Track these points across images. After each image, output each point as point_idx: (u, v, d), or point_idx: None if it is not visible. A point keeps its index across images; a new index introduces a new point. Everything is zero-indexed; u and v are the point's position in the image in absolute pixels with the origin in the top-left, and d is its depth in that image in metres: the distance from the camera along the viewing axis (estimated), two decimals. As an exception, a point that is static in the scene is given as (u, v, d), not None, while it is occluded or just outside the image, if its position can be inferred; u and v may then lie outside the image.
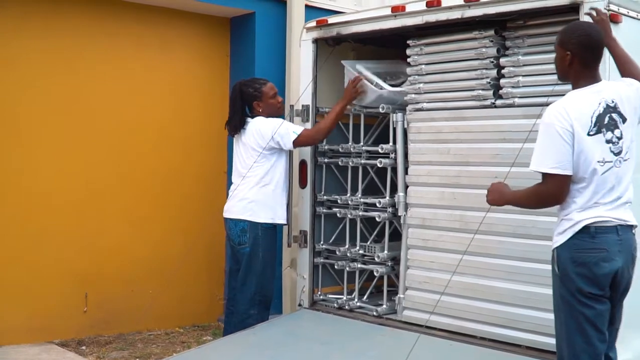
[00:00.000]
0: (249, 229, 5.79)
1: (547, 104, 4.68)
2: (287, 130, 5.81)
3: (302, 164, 6.32)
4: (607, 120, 3.83)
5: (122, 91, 7.20)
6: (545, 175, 3.81)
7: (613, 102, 3.86)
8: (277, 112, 6.00)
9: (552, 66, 4.77)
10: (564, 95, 4.55)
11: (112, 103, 7.12)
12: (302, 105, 6.27)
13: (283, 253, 7.33)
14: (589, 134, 3.79)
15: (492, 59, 5.28)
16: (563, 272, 3.80)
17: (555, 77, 4.71)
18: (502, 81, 5.22)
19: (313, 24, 6.22)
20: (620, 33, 4.52)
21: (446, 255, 5.45)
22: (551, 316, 4.64)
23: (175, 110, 7.53)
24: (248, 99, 5.94)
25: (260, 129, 5.83)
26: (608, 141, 3.83)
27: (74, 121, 6.89)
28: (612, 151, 3.84)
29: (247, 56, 7.64)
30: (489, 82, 5.27)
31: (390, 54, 6.51)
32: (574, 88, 3.94)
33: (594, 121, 3.81)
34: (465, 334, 5.28)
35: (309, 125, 6.26)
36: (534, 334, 4.95)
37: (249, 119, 5.97)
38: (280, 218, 5.94)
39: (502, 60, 5.23)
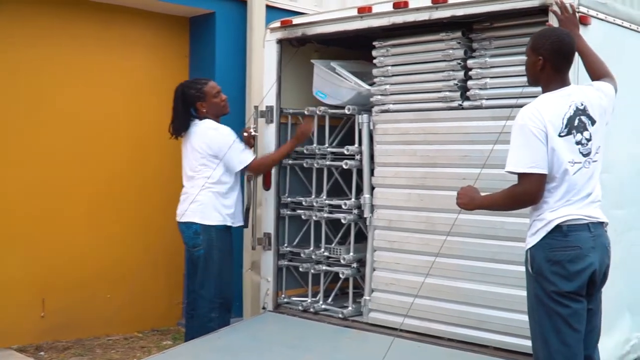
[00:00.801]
0: (202, 231, 5.68)
1: (515, 106, 4.74)
2: (234, 159, 5.70)
3: (266, 165, 6.22)
4: (577, 123, 3.87)
5: (79, 93, 7.01)
6: (521, 176, 3.81)
7: (582, 104, 3.90)
8: (222, 110, 5.85)
9: (520, 68, 4.82)
10: (533, 97, 4.58)
11: (70, 105, 6.94)
12: (266, 107, 6.20)
13: (244, 255, 7.27)
14: (560, 135, 3.81)
15: (459, 61, 5.28)
16: (538, 272, 3.81)
17: (523, 79, 4.74)
18: (469, 83, 5.23)
19: (277, 24, 6.15)
20: (590, 35, 4.55)
21: (412, 257, 5.46)
22: (519, 317, 4.73)
23: (133, 112, 7.40)
24: (191, 101, 5.78)
25: (211, 141, 5.68)
26: (578, 142, 3.86)
27: (30, 125, 6.71)
28: (581, 152, 3.87)
29: (207, 57, 7.53)
30: (456, 84, 5.27)
31: (353, 55, 6.47)
32: (544, 91, 3.97)
33: (564, 123, 3.84)
34: (433, 335, 5.28)
35: (273, 127, 6.19)
36: (502, 334, 4.99)
37: (196, 121, 5.79)
38: (233, 220, 5.79)
39: (470, 62, 5.24)
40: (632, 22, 5.04)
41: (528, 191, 3.81)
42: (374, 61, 5.73)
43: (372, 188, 5.76)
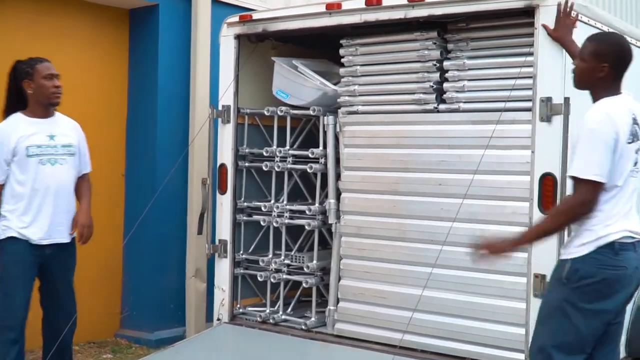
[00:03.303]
0: None
1: (496, 110, 4.60)
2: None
3: (222, 167, 5.91)
4: (635, 130, 3.69)
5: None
6: (582, 183, 3.53)
7: (634, 113, 3.73)
8: (48, 98, 4.94)
9: (500, 71, 4.72)
10: (519, 101, 4.50)
11: None
12: (223, 106, 5.87)
13: (187, 262, 6.98)
14: (627, 142, 3.63)
15: (434, 62, 5.08)
16: (576, 285, 3.58)
17: (504, 82, 4.72)
18: (445, 85, 5.05)
19: (235, 19, 5.83)
20: (575, 38, 4.46)
21: (383, 265, 5.26)
22: (495, 327, 4.64)
23: (70, 108, 6.86)
24: (20, 77, 4.92)
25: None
26: (637, 150, 3.70)
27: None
28: (636, 162, 3.71)
29: (149, 52, 7.09)
30: (432, 86, 5.07)
31: (313, 54, 6.21)
32: (596, 98, 3.74)
33: (629, 129, 3.65)
34: (407, 347, 5.04)
35: (230, 128, 5.87)
36: (479, 345, 4.84)
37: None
38: (20, 230, 4.85)
39: (446, 64, 5.06)
40: (610, 26, 4.96)
41: (586, 201, 3.54)
42: (342, 60, 5.47)
43: (338, 193, 5.48)
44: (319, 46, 6.14)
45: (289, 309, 5.86)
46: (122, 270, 7.15)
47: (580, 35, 4.52)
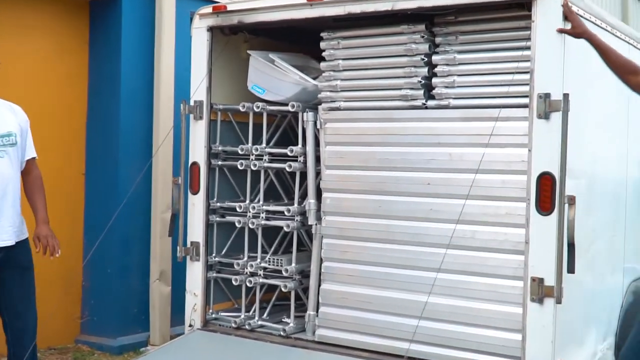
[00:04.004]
0: None
1: (489, 106, 4.43)
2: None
3: (194, 166, 5.60)
4: None
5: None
6: None
7: None
8: None
9: (493, 66, 4.54)
10: (515, 97, 4.39)
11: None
12: (195, 102, 5.56)
13: (150, 264, 6.83)
14: None
15: (422, 56, 4.86)
16: None
17: (497, 77, 4.58)
18: (434, 80, 4.83)
19: (208, 10, 5.52)
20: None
21: (367, 269, 5.02)
22: (490, 333, 4.48)
23: (25, 102, 6.46)
24: None
25: None
26: None
27: None
28: None
29: (111, 45, 6.82)
30: (420, 81, 4.86)
31: (287, 47, 5.95)
32: None
33: None
34: (394, 354, 4.83)
35: (202, 125, 5.56)
36: (472, 352, 4.64)
37: None
38: None
39: (435, 58, 4.84)
40: (602, 20, 4.82)
41: None
42: (323, 54, 5.23)
43: (318, 193, 5.24)
44: (294, 39, 5.91)
45: (265, 314, 5.59)
46: (82, 272, 6.89)
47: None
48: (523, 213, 4.41)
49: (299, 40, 5.90)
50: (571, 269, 4.25)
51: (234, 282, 5.58)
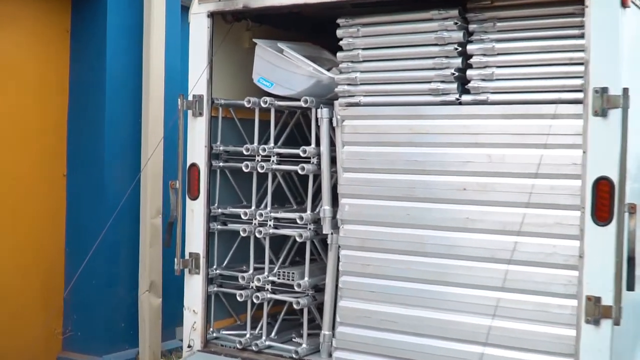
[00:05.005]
0: None
1: (535, 102, 4.03)
2: None
3: (193, 168, 5.07)
4: None
5: None
6: None
7: None
8: None
9: (539, 56, 4.14)
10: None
11: None
12: (194, 96, 5.05)
13: (139, 274, 6.39)
14: None
15: (456, 45, 4.34)
16: None
17: (543, 69, 4.13)
18: (469, 72, 4.36)
19: (209, -7, 4.97)
20: (627, 19, 3.90)
21: (392, 284, 4.55)
22: (533, 357, 4.08)
23: (2, 99, 5.91)
24: None
25: None
26: None
27: None
28: None
29: (95, 34, 6.26)
30: (453, 74, 4.36)
31: (293, 37, 5.41)
32: None
33: None
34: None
35: (202, 122, 5.05)
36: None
37: None
38: None
39: (470, 48, 4.36)
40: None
41: None
42: (340, 43, 4.72)
43: (333, 198, 4.79)
44: (301, 28, 5.47)
45: (273, 333, 5.06)
46: (64, 283, 6.38)
47: (633, 18, 3.95)
48: (574, 223, 3.99)
49: (307, 29, 5.48)
50: (631, 286, 3.84)
51: (238, 298, 5.05)
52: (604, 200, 3.85)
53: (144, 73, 6.35)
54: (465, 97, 4.36)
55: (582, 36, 3.93)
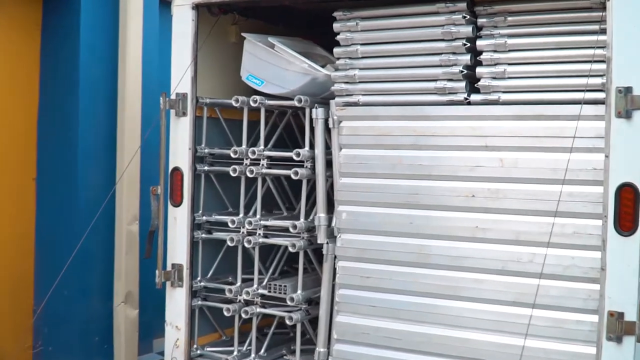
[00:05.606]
0: None
1: (551, 102, 3.85)
2: None
3: (175, 172, 4.76)
4: None
5: None
6: None
7: None
8: None
9: (556, 53, 3.94)
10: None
11: None
12: (177, 94, 4.74)
13: (115, 284, 6.10)
14: None
15: (464, 41, 4.07)
16: None
17: (560, 67, 3.90)
18: (479, 70, 4.10)
19: (195, -17, 4.67)
20: None
21: (395, 298, 4.29)
22: None
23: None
24: None
25: None
26: None
27: None
28: None
29: (69, 28, 5.92)
30: (461, 71, 4.10)
31: (282, 32, 5.13)
32: None
33: None
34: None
35: (186, 122, 4.73)
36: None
37: None
38: None
39: (480, 43, 4.09)
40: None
41: None
42: (338, 37, 4.45)
43: (329, 205, 4.52)
44: (290, 23, 5.21)
45: (262, 350, 4.76)
46: (34, 294, 6.05)
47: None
48: (594, 232, 3.76)
49: (297, 24, 5.19)
50: (656, 301, 3.59)
51: (225, 313, 4.73)
52: (627, 208, 3.62)
53: (119, 70, 6.03)
54: (475, 97, 4.12)
55: (602, 31, 3.69)
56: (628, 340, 3.61)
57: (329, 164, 4.52)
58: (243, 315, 4.70)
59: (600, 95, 3.69)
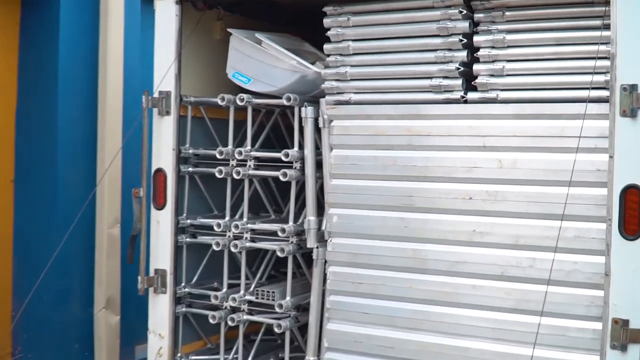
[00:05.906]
0: None
1: (552, 100, 3.78)
2: None
3: (158, 174, 4.62)
4: None
5: None
6: None
7: None
8: None
9: (556, 49, 3.71)
10: (579, 88, 3.65)
11: None
12: (160, 93, 4.60)
13: (95, 290, 5.97)
14: None
15: (461, 37, 3.94)
16: None
17: (561, 64, 3.77)
18: (476, 67, 3.97)
19: (177, -25, 4.52)
20: None
21: (389, 305, 4.16)
22: None
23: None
24: None
25: None
26: None
27: None
28: None
29: (48, 25, 5.77)
30: (457, 68, 3.97)
31: (269, 28, 4.96)
32: None
33: None
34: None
35: (170, 121, 4.57)
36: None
37: None
38: None
39: (477, 39, 3.96)
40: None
41: None
42: (328, 33, 4.32)
43: (319, 208, 4.39)
44: (277, 19, 5.05)
45: (250, 358, 4.62)
46: (12, 299, 5.91)
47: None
48: (597, 236, 3.64)
49: (284, 20, 5.05)
50: (662, 308, 3.47)
51: (211, 320, 4.56)
52: (633, 211, 3.49)
53: (100, 68, 5.90)
54: (472, 95, 3.99)
55: (606, 27, 3.55)
56: (633, 348, 3.49)
57: (318, 165, 4.37)
58: (229, 323, 4.55)
59: (604, 93, 3.57)
